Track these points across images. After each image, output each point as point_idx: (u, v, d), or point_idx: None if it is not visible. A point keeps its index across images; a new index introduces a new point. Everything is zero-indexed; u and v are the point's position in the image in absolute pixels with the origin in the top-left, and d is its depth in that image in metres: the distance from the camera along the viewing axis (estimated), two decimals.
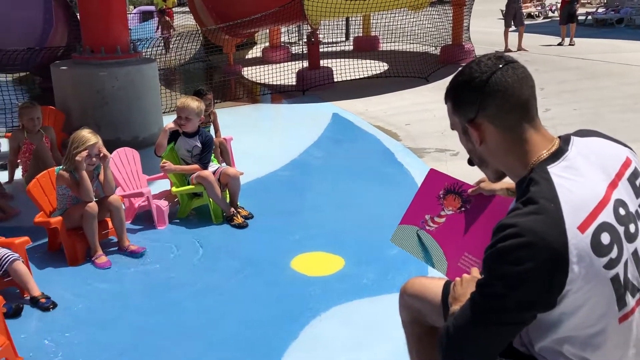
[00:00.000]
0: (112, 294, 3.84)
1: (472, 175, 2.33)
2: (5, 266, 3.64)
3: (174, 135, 5.02)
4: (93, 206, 4.20)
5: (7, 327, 3.09)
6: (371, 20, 15.46)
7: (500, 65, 1.61)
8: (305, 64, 11.32)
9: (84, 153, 4.18)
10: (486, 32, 17.64)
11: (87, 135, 4.24)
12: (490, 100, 1.60)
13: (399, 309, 2.28)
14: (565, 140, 1.64)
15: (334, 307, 3.57)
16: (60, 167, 4.31)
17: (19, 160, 5.96)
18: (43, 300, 3.63)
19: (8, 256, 3.67)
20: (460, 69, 1.71)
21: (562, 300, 1.48)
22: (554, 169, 1.56)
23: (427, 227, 2.37)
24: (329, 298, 3.66)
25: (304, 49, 13.03)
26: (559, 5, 17.72)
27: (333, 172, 6.23)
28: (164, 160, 4.98)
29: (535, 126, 1.63)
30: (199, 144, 5.03)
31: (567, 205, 1.48)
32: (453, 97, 1.70)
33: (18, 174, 6.00)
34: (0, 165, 6.27)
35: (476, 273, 1.84)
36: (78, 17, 10.57)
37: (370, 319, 3.42)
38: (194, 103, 4.94)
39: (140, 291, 3.88)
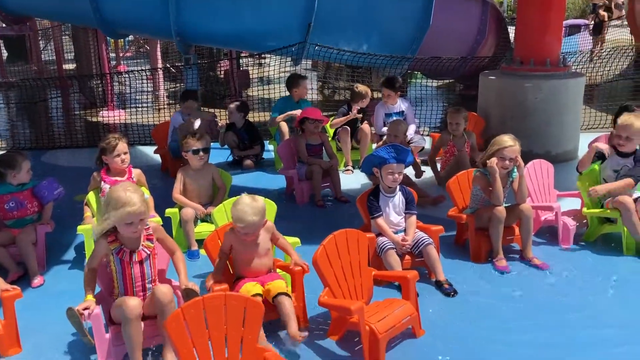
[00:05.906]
0: (506, 296, 3.94)
1: None
2: (420, 247, 4.14)
3: (601, 154, 4.77)
4: (501, 210, 4.36)
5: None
6: None
7: None
8: None
9: (495, 160, 4.36)
10: None
11: (505, 138, 4.39)
12: None
13: None
14: None
15: None
16: (478, 169, 4.59)
17: (438, 158, 6.61)
18: (447, 286, 3.99)
19: (424, 239, 4.15)
20: None
21: None
22: None
23: None
24: None
25: None
26: None
27: None
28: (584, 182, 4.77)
29: None
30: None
31: None
32: None
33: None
34: (423, 161, 7.05)
35: None
36: (507, 29, 11.00)
37: None
38: (638, 122, 4.59)
39: (529, 302, 3.85)
